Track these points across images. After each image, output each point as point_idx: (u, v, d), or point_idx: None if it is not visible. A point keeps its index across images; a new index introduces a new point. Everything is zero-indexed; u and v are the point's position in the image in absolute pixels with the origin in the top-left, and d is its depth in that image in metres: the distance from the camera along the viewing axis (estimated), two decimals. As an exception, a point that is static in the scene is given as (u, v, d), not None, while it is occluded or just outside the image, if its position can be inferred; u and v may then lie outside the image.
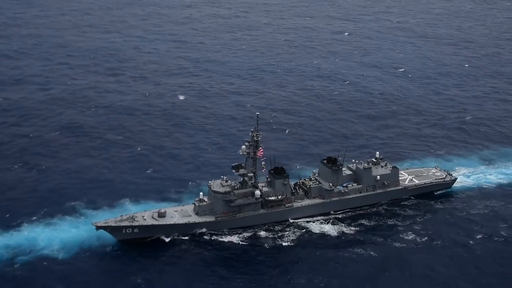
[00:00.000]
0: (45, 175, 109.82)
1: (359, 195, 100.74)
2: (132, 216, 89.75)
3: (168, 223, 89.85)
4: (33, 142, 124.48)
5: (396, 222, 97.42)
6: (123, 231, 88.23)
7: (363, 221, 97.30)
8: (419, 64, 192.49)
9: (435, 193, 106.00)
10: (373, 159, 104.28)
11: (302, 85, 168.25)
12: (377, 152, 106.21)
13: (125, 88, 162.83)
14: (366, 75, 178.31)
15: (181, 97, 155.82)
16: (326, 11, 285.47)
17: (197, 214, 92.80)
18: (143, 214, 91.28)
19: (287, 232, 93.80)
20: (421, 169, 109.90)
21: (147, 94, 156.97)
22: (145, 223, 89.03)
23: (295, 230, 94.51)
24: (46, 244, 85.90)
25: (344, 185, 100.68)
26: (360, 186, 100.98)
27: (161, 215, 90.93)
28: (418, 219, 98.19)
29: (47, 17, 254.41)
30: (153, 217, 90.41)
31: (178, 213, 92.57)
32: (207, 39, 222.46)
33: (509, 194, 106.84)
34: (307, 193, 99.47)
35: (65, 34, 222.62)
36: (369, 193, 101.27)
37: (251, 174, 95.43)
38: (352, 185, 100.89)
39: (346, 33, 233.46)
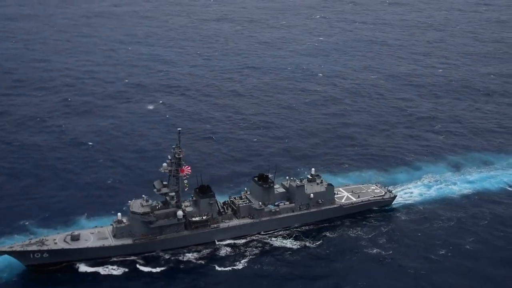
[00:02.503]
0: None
1: (292, 214, 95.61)
2: (42, 239, 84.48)
3: (80, 246, 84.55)
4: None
5: (360, 234, 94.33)
6: (31, 256, 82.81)
7: (304, 240, 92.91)
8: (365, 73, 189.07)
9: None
10: (309, 176, 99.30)
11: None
12: (313, 169, 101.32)
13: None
14: (307, 84, 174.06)
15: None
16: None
17: (114, 236, 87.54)
18: (55, 237, 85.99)
19: (210, 254, 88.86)
20: (361, 185, 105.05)
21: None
22: (55, 247, 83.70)
23: (221, 251, 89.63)
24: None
25: (276, 203, 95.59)
26: (293, 205, 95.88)
27: (74, 238, 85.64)
28: (383, 229, 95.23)
29: None
30: (65, 241, 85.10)
31: (94, 236, 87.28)
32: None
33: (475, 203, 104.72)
34: (236, 213, 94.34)
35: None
36: (302, 212, 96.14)
37: (173, 194, 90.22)
38: (284, 204, 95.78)
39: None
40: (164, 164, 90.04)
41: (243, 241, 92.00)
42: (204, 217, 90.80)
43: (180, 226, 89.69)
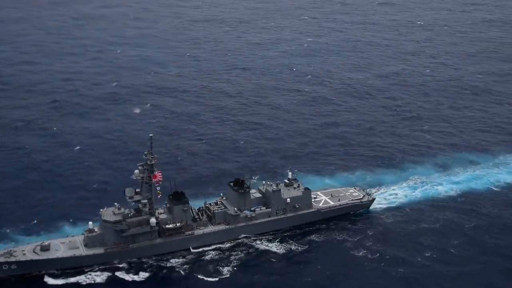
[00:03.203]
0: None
1: (268, 219, 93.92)
2: (10, 250, 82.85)
3: (50, 257, 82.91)
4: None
5: (346, 237, 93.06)
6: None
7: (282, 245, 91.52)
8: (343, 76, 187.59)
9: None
10: (286, 180, 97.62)
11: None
12: (290, 173, 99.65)
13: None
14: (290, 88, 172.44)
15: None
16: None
17: (86, 246, 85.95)
18: (24, 247, 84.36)
19: (194, 260, 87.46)
20: (339, 189, 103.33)
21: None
22: (23, 258, 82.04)
23: (205, 256, 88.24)
24: None
25: (252, 209, 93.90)
26: (269, 210, 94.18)
27: (44, 248, 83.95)
28: (369, 232, 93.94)
29: None
30: (34, 251, 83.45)
31: (64, 245, 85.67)
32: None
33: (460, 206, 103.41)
34: (211, 219, 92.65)
35: None
36: (279, 217, 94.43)
37: (145, 201, 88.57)
38: (261, 209, 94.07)
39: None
40: (136, 171, 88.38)
41: (228, 245, 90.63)
42: (178, 224, 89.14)
43: (153, 234, 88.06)
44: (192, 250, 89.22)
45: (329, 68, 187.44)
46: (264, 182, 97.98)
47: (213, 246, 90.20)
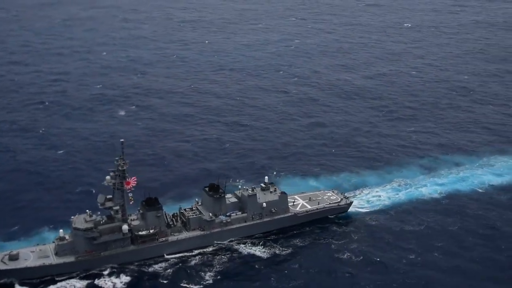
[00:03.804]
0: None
1: (244, 224, 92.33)
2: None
3: (18, 267, 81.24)
4: None
5: (331, 241, 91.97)
6: (-34, 278, 79.78)
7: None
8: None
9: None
10: (262, 185, 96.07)
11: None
12: (266, 177, 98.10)
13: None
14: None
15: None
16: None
17: (56, 254, 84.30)
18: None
19: (177, 265, 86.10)
20: (317, 192, 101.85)
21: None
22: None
23: (188, 263, 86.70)
24: None
25: (227, 214, 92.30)
26: (245, 214, 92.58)
27: (13, 257, 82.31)
28: (353, 236, 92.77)
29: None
30: (2, 261, 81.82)
31: (34, 254, 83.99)
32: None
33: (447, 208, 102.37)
34: (186, 225, 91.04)
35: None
36: (255, 222, 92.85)
37: (117, 207, 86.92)
38: (236, 214, 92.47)
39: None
40: (108, 177, 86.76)
41: (211, 248, 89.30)
42: (151, 231, 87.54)
43: (126, 241, 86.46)
44: (165, 257, 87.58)
45: (316, 69, 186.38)
46: (240, 186, 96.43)
47: (196, 251, 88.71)
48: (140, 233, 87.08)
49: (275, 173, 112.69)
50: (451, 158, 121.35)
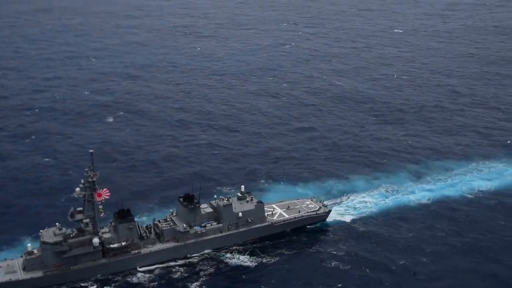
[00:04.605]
0: None
1: (220, 235, 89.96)
2: None
3: (-17, 283, 79.24)
4: None
5: (319, 249, 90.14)
6: None
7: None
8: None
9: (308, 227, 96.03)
10: (238, 194, 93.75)
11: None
12: (242, 186, 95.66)
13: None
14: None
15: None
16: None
17: (24, 269, 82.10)
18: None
19: (161, 276, 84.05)
20: (295, 201, 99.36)
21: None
22: (-45, 284, 78.48)
23: (173, 274, 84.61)
24: None
25: (202, 225, 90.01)
26: (221, 225, 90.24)
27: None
28: (341, 245, 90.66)
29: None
30: (-33, 277, 79.80)
31: (1, 270, 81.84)
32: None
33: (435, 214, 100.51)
34: (160, 237, 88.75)
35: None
36: (230, 232, 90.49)
37: (87, 220, 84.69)
38: (212, 225, 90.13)
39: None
40: (77, 189, 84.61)
41: (196, 259, 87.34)
42: (123, 243, 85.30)
43: (97, 254, 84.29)
44: (138, 269, 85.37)
45: (308, 73, 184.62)
46: (216, 196, 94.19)
47: (181, 262, 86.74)
48: (111, 245, 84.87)
49: (263, 180, 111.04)
50: (441, 163, 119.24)
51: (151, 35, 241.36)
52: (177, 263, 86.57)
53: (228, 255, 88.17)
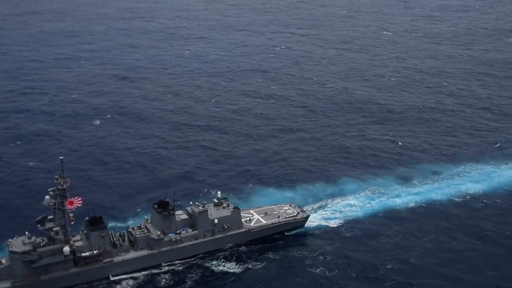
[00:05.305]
0: None
1: (195, 242, 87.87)
2: None
3: None
4: None
5: (305, 253, 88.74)
6: None
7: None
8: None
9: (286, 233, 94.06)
10: (215, 200, 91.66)
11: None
12: (219, 192, 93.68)
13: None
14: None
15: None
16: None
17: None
18: None
19: (147, 282, 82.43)
20: (273, 206, 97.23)
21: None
22: None
23: (146, 282, 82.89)
24: None
25: (177, 232, 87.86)
26: (196, 231, 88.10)
27: None
28: (327, 248, 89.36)
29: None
30: None
31: (-32, 280, 79.80)
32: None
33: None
34: (134, 244, 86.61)
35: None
36: (206, 239, 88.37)
37: (58, 228, 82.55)
38: (187, 232, 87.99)
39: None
40: (47, 197, 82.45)
41: (181, 267, 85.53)
42: (95, 252, 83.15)
43: (68, 263, 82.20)
44: (111, 278, 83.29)
45: (298, 75, 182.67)
46: (191, 202, 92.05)
47: (166, 268, 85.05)
48: (83, 254, 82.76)
49: (251, 185, 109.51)
50: (428, 166, 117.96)
51: (141, 37, 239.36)
52: (161, 270, 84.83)
53: (214, 261, 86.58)
